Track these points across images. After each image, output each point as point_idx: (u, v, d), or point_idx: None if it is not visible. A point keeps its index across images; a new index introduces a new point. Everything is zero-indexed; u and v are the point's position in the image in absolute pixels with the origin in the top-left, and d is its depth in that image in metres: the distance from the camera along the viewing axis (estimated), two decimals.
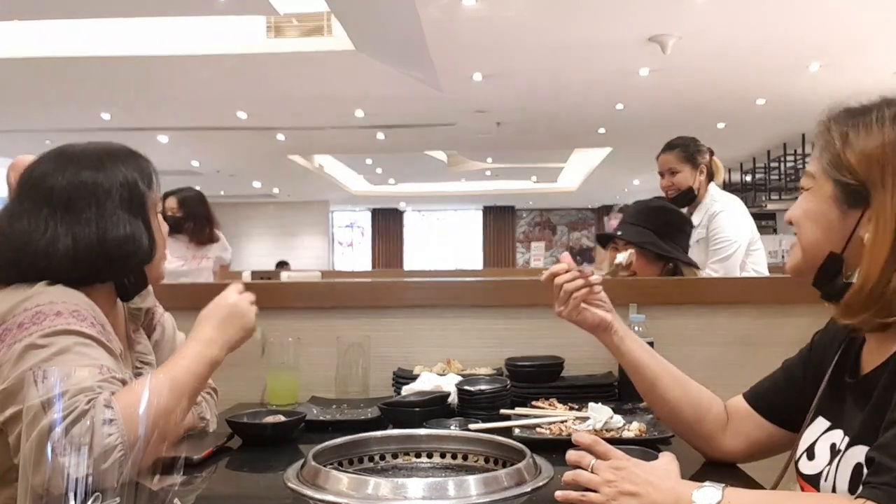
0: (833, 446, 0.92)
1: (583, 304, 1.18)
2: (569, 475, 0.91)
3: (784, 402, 1.08)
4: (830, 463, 0.91)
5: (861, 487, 0.77)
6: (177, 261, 3.61)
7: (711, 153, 2.76)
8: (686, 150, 2.68)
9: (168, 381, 0.99)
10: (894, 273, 0.85)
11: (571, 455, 0.93)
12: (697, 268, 2.11)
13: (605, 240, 2.34)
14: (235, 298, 1.18)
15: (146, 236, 1.13)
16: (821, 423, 0.98)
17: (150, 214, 1.16)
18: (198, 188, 4.00)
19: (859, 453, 0.85)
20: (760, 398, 1.12)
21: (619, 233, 2.14)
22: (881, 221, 0.86)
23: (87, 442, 0.82)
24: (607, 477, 0.87)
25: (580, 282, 1.17)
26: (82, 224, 1.08)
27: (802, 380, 1.06)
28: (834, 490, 0.88)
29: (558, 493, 0.90)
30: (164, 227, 1.21)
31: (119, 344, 1.09)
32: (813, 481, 0.94)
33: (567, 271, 1.17)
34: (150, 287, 1.29)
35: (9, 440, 0.94)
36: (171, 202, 3.68)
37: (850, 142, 0.90)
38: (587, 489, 0.88)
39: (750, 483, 1.02)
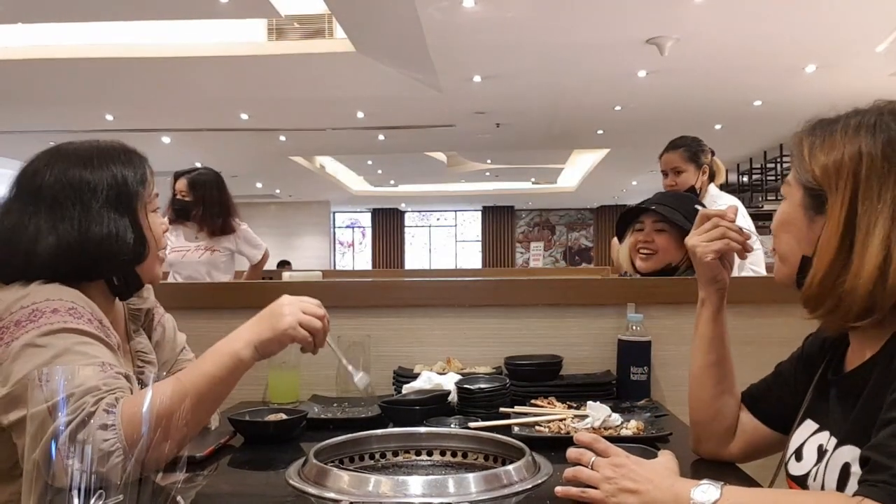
0: (820, 447, 0.93)
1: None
2: (569, 472, 0.92)
3: (776, 404, 1.09)
4: (818, 463, 0.92)
5: (858, 485, 0.77)
6: (176, 252, 3.20)
7: (712, 153, 2.78)
8: (690, 149, 2.70)
9: (171, 384, 0.98)
10: (842, 273, 0.87)
11: (572, 452, 0.94)
12: None
13: (625, 224, 2.11)
14: (284, 298, 1.10)
15: (133, 235, 1.11)
16: (809, 425, 0.99)
17: (141, 213, 1.14)
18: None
19: (847, 453, 0.86)
20: (753, 400, 1.13)
21: (653, 207, 2.00)
22: (830, 224, 0.89)
23: (91, 443, 0.82)
24: (607, 474, 0.88)
25: (739, 237, 1.12)
26: (65, 221, 1.08)
27: (794, 382, 1.07)
28: (821, 489, 0.89)
29: (559, 489, 0.91)
30: (161, 227, 1.19)
31: (118, 339, 1.09)
32: (801, 482, 0.95)
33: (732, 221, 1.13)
34: (150, 288, 1.29)
35: (15, 442, 0.95)
36: (182, 184, 3.25)
37: (815, 151, 0.93)
38: (587, 486, 0.89)
39: (748, 481, 1.03)
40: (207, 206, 3.26)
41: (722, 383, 1.13)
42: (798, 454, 0.98)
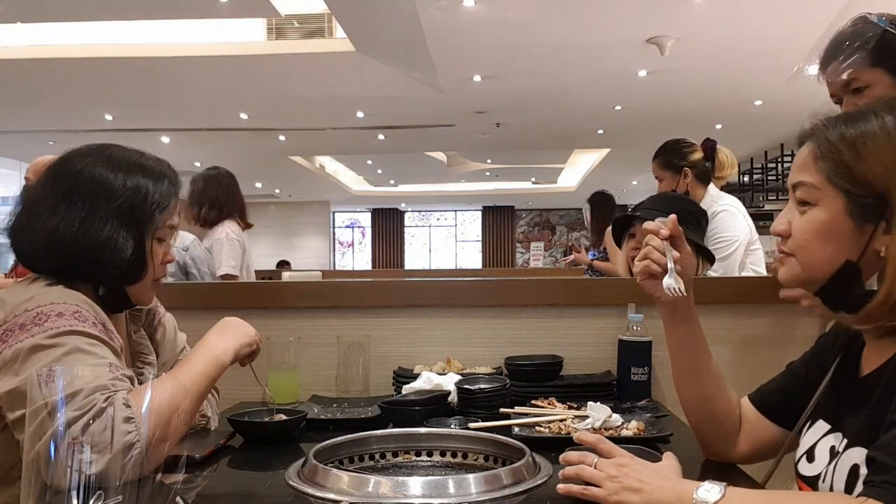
0: (832, 448, 0.93)
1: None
2: (570, 470, 0.92)
3: (787, 403, 1.08)
4: (829, 464, 0.92)
5: (862, 486, 0.77)
6: None
7: (712, 147, 2.70)
8: (666, 157, 2.64)
9: (171, 381, 1.01)
10: None
11: (572, 456, 0.94)
12: (710, 261, 2.08)
13: (621, 228, 2.17)
14: (233, 319, 1.28)
15: (131, 253, 1.10)
16: (821, 426, 0.98)
17: (148, 235, 1.13)
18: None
19: (857, 455, 0.86)
20: (764, 399, 1.12)
21: (638, 213, 2.06)
22: None
23: (107, 439, 0.83)
24: (611, 472, 0.88)
25: (663, 258, 1.08)
26: (69, 215, 1.08)
27: (804, 381, 1.06)
28: (831, 491, 0.89)
29: (560, 487, 0.91)
30: (163, 257, 1.17)
31: (121, 341, 1.09)
32: (811, 482, 0.95)
33: (669, 237, 1.08)
34: None
35: (17, 439, 0.95)
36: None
37: (864, 154, 0.87)
38: (589, 484, 0.89)
39: (750, 483, 1.03)
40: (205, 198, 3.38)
41: (704, 389, 1.12)
42: (810, 455, 0.97)
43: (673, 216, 1.09)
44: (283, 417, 1.36)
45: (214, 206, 3.40)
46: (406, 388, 1.55)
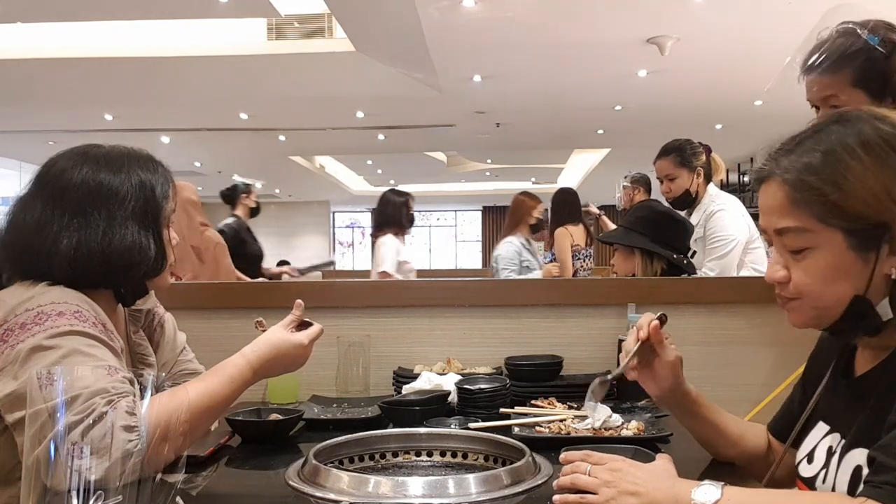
0: (829, 449, 0.93)
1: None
2: (565, 479, 0.90)
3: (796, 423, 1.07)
4: (827, 465, 0.92)
5: (862, 486, 0.77)
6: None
7: (709, 151, 2.74)
8: (680, 154, 2.66)
9: (177, 393, 1.00)
10: None
11: (567, 467, 0.93)
12: (687, 269, 2.10)
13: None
14: (304, 351, 1.20)
15: (155, 248, 1.12)
16: (821, 427, 0.98)
17: (163, 226, 1.14)
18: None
19: (859, 455, 0.85)
20: (779, 427, 1.11)
21: (599, 236, 2.31)
22: None
23: (107, 445, 0.82)
24: (606, 478, 0.87)
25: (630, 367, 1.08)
26: (90, 228, 1.07)
27: (805, 395, 1.06)
28: (832, 491, 0.89)
29: (556, 498, 0.90)
30: (176, 239, 1.19)
31: (121, 342, 1.09)
32: (810, 483, 0.95)
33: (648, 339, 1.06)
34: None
35: (17, 441, 0.95)
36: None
37: (848, 189, 0.84)
38: (585, 492, 0.88)
39: (749, 482, 1.03)
40: None
41: (724, 450, 1.12)
42: (810, 456, 0.97)
43: (655, 323, 1.06)
44: (279, 417, 1.36)
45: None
46: (406, 388, 1.55)
